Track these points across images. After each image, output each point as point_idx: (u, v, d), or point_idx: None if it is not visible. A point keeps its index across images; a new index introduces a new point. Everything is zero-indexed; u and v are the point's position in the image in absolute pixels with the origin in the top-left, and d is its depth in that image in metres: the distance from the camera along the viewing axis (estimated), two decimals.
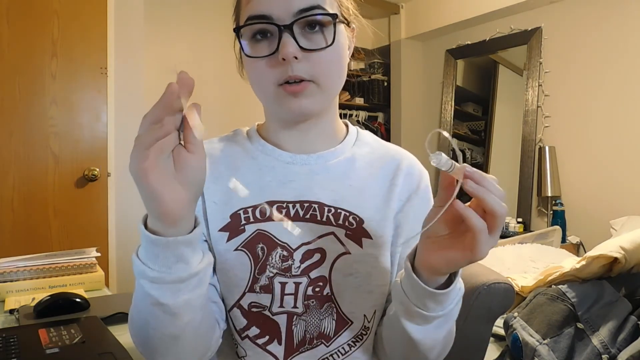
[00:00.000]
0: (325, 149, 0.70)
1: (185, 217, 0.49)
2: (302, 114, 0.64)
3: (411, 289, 0.55)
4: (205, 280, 0.54)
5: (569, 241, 2.94)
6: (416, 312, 0.56)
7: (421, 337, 0.58)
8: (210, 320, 0.62)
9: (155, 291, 0.50)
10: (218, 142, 0.73)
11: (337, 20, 0.62)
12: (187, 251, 0.50)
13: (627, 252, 1.29)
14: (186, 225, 0.50)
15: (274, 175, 0.68)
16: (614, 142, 2.88)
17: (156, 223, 0.49)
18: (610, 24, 2.88)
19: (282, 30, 0.59)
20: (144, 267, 0.50)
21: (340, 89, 0.67)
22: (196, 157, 0.47)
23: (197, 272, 0.52)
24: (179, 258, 0.50)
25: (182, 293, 0.51)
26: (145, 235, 0.49)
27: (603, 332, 1.20)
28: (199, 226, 0.52)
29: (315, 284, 0.65)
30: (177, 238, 0.49)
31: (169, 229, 0.49)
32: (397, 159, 0.72)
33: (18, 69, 1.98)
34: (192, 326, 0.55)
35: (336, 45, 0.62)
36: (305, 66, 0.60)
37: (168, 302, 0.51)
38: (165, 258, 0.49)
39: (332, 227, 0.66)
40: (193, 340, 0.57)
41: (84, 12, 2.11)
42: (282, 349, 0.66)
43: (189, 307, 0.53)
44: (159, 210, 0.47)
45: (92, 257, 1.29)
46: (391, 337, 0.65)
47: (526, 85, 3.30)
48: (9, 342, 0.79)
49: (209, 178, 0.68)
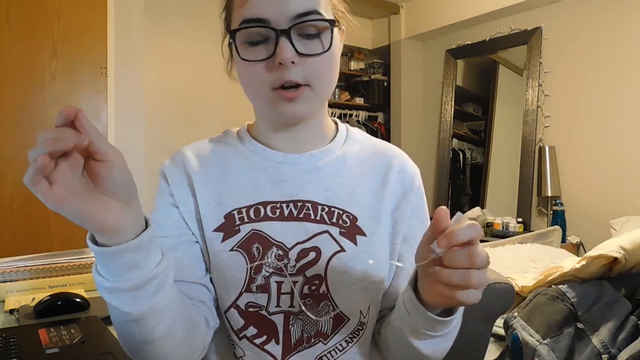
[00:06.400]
0: (316, 148, 0.71)
1: (124, 224, 0.48)
2: (296, 118, 0.65)
3: (418, 317, 0.56)
4: (167, 283, 0.53)
5: (569, 241, 2.94)
6: (424, 333, 0.58)
7: (431, 351, 0.61)
8: (189, 321, 0.60)
9: (115, 301, 0.50)
10: (209, 143, 0.73)
11: (333, 26, 0.62)
12: (137, 257, 0.49)
13: (627, 252, 1.29)
14: (130, 231, 0.48)
15: (267, 176, 0.68)
16: (614, 142, 2.88)
17: (99, 236, 0.48)
18: (610, 24, 2.88)
19: (280, 34, 0.59)
20: (100, 278, 0.50)
21: (332, 92, 0.68)
22: (106, 164, 0.45)
23: (154, 277, 0.50)
24: (130, 266, 0.49)
25: (142, 300, 0.50)
26: (92, 248, 0.48)
27: (603, 332, 1.20)
28: (149, 229, 0.50)
29: (311, 282, 0.65)
30: (120, 246, 0.47)
31: (112, 239, 0.47)
32: (388, 156, 0.73)
33: (18, 69, 1.98)
34: (162, 330, 0.54)
35: (332, 50, 0.63)
36: (302, 71, 0.61)
37: (129, 310, 0.50)
38: (115, 267, 0.49)
39: (326, 226, 0.66)
40: (169, 343, 0.57)
41: (84, 12, 2.11)
42: (280, 349, 0.66)
43: (153, 312, 0.52)
44: (92, 225, 0.46)
45: (92, 257, 1.29)
46: (398, 348, 0.66)
47: (526, 85, 3.30)
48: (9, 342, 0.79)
49: (201, 179, 0.68)
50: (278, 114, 0.64)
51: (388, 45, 4.17)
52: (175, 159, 0.71)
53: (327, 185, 0.68)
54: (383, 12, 4.09)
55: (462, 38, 3.75)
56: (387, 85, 4.21)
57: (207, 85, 3.20)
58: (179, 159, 0.70)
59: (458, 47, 3.79)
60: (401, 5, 4.02)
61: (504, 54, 3.53)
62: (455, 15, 3.61)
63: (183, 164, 0.70)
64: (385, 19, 4.19)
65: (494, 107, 3.62)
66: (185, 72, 3.24)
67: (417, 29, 3.95)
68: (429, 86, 4.07)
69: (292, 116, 0.63)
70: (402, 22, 4.05)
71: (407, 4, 4.01)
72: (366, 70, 4.31)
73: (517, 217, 3.24)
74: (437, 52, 3.96)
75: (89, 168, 0.45)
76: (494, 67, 3.63)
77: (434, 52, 4.01)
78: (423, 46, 4.14)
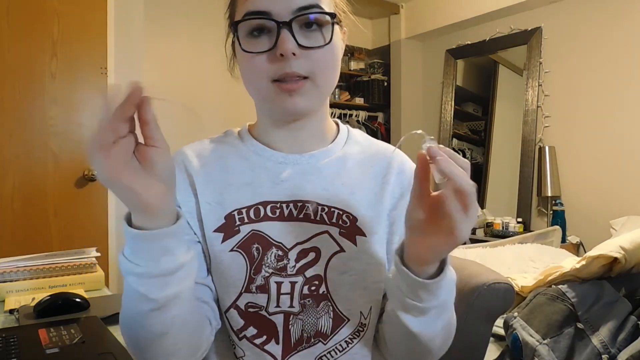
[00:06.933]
0: (316, 149, 0.71)
1: (165, 208, 0.51)
2: (296, 112, 0.64)
3: (403, 282, 0.56)
4: (192, 273, 0.55)
5: (569, 241, 2.94)
6: (411, 304, 0.56)
7: (420, 329, 0.59)
8: (198, 317, 0.62)
9: (142, 287, 0.51)
10: (209, 143, 0.74)
11: (334, 20, 0.63)
12: (172, 243, 0.51)
13: (627, 252, 1.29)
14: (168, 217, 0.51)
15: (267, 176, 0.69)
16: (614, 142, 2.88)
17: (139, 218, 0.50)
18: (610, 24, 2.88)
19: (281, 26, 0.60)
20: (130, 264, 0.51)
21: (333, 88, 0.68)
22: (158, 150, 0.49)
23: (183, 264, 0.53)
24: (165, 250, 0.51)
25: (169, 287, 0.52)
26: (129, 232, 0.50)
27: (603, 332, 1.20)
28: (182, 217, 0.53)
29: (311, 282, 0.65)
30: (160, 230, 0.50)
31: (152, 222, 0.50)
32: (388, 157, 0.73)
33: (18, 69, 1.98)
34: (179, 321, 0.55)
35: (333, 44, 0.63)
36: (303, 63, 0.61)
37: (156, 297, 0.52)
38: (150, 251, 0.51)
39: (325, 226, 0.67)
40: (181, 337, 0.58)
41: (84, 12, 2.11)
42: (280, 349, 0.66)
43: (177, 300, 0.53)
44: (138, 204, 0.49)
45: (92, 257, 1.29)
46: (391, 332, 0.65)
47: (526, 85, 3.30)
48: (9, 342, 0.79)
49: (202, 179, 0.68)
50: (278, 108, 0.64)
51: (388, 45, 4.17)
52: (176, 159, 0.71)
53: (327, 185, 0.68)
54: (383, 12, 4.09)
55: (462, 38, 3.75)
56: (387, 85, 4.21)
57: (207, 85, 3.19)
58: (180, 159, 0.71)
59: (458, 47, 3.79)
60: (401, 5, 4.02)
61: (504, 54, 3.53)
62: (455, 15, 3.61)
63: (184, 164, 0.70)
64: (385, 19, 4.19)
65: (494, 107, 3.62)
66: (185, 72, 3.24)
67: (417, 29, 3.95)
68: (429, 86, 4.07)
69: (292, 110, 0.63)
70: (402, 22, 4.05)
71: (407, 4, 4.01)
72: (366, 70, 4.31)
73: (517, 217, 3.24)
74: (437, 52, 3.96)
75: (140, 152, 0.48)
76: (494, 67, 3.63)
77: (434, 52, 4.01)
78: (423, 46, 4.14)
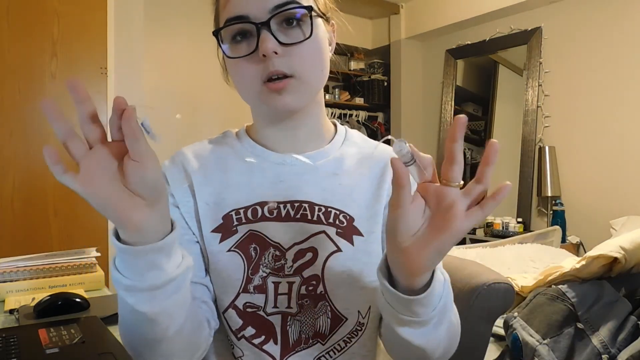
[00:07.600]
0: (313, 149, 0.71)
1: (149, 224, 0.48)
2: (286, 110, 0.65)
3: (395, 302, 0.53)
4: (184, 285, 0.53)
5: (569, 241, 2.94)
6: (408, 320, 0.54)
7: (424, 341, 0.56)
8: (195, 320, 0.61)
9: (130, 299, 0.50)
10: (208, 143, 0.74)
11: (313, 14, 0.62)
12: (159, 258, 0.49)
13: (627, 252, 1.29)
14: (156, 232, 0.49)
15: (264, 176, 0.69)
16: (614, 142, 2.88)
17: (122, 232, 0.48)
18: (610, 24, 2.88)
19: (260, 27, 0.60)
20: (119, 275, 0.50)
21: (323, 83, 0.67)
22: (135, 165, 0.45)
23: (173, 278, 0.50)
24: (151, 265, 0.49)
25: (157, 300, 0.50)
26: (116, 245, 0.48)
27: (603, 332, 1.20)
28: (174, 232, 0.50)
29: (309, 283, 0.65)
30: (145, 246, 0.47)
31: (136, 237, 0.47)
32: (385, 157, 0.73)
33: (18, 69, 1.98)
34: (173, 330, 0.54)
35: (315, 38, 0.63)
36: (286, 61, 0.61)
37: (144, 310, 0.50)
38: (136, 266, 0.49)
39: (322, 226, 0.67)
40: (178, 342, 0.57)
41: (84, 12, 2.11)
42: (279, 349, 0.66)
43: (165, 314, 0.52)
44: (119, 221, 0.46)
45: (92, 257, 1.29)
46: (394, 345, 0.63)
47: (526, 85, 3.30)
48: (9, 342, 0.79)
49: (200, 180, 0.68)
50: (270, 108, 0.64)
51: (388, 45, 4.17)
52: (175, 159, 0.71)
53: (324, 185, 0.69)
54: (383, 12, 4.09)
55: (462, 38, 3.75)
56: (387, 85, 4.21)
57: (207, 85, 3.19)
58: (179, 160, 0.71)
59: (458, 47, 3.79)
60: (401, 5, 4.02)
61: (504, 54, 3.53)
62: (455, 15, 3.61)
63: (183, 165, 0.70)
64: (385, 19, 4.19)
65: (494, 107, 3.62)
66: (185, 72, 3.25)
67: (417, 29, 3.95)
68: (429, 86, 4.07)
69: (282, 108, 0.63)
70: (402, 22, 4.05)
71: (407, 4, 4.01)
72: (366, 70, 4.31)
73: (517, 217, 3.24)
74: (437, 52, 3.96)
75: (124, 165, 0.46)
76: (494, 67, 3.63)
77: (434, 52, 4.01)
78: (423, 46, 4.14)
